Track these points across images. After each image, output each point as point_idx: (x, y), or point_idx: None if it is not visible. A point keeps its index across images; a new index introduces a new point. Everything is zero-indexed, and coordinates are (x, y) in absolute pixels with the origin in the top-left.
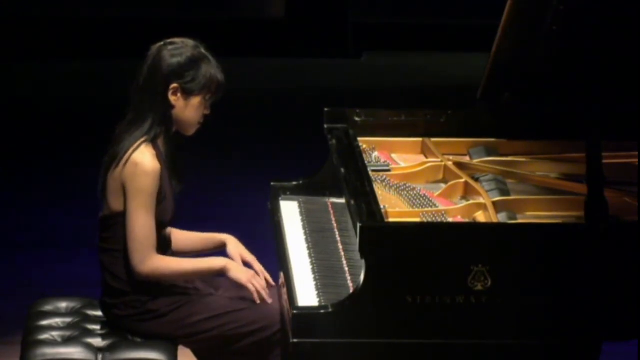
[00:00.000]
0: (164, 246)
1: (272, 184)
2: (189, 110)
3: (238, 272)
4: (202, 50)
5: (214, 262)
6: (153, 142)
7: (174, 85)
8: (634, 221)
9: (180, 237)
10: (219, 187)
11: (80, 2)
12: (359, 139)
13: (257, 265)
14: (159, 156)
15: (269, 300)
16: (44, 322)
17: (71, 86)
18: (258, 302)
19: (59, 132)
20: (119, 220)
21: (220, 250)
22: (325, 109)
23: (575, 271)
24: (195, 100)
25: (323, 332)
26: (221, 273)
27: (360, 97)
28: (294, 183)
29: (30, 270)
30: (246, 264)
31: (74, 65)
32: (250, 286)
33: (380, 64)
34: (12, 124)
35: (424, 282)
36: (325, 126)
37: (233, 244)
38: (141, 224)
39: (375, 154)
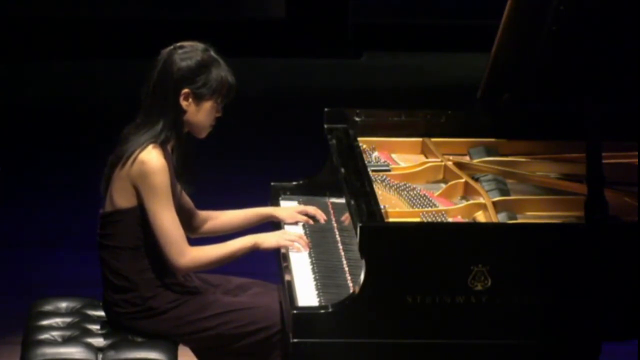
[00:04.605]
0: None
1: (272, 184)
2: (201, 114)
3: (269, 242)
4: (212, 54)
5: (244, 242)
6: (162, 145)
7: (185, 90)
8: (634, 221)
9: (222, 217)
10: (219, 187)
11: (80, 2)
12: (359, 139)
13: (310, 210)
14: (166, 157)
15: (306, 250)
16: (44, 322)
17: (71, 86)
18: (302, 251)
19: (59, 132)
20: (121, 217)
21: (265, 222)
22: (325, 109)
23: (575, 271)
24: (207, 104)
25: (323, 332)
26: (254, 250)
27: (360, 97)
28: (294, 183)
29: (30, 270)
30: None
31: (74, 65)
32: (285, 245)
33: (380, 64)
34: (12, 123)
35: (424, 282)
36: (325, 126)
37: (283, 213)
38: (169, 221)
39: (375, 154)
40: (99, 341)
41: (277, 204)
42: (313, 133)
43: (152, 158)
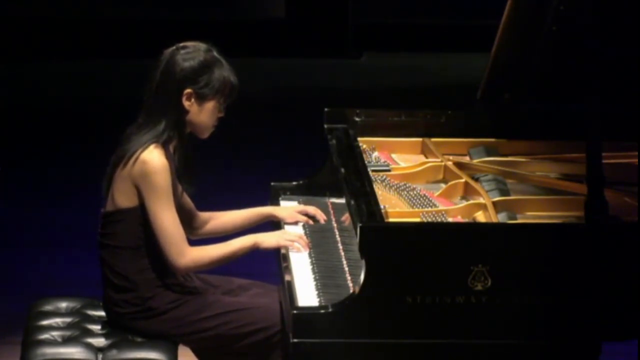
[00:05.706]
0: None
1: (272, 184)
2: (203, 114)
3: (269, 242)
4: (215, 54)
5: (244, 242)
6: (164, 145)
7: (188, 90)
8: (634, 221)
9: (222, 218)
10: (219, 187)
11: (80, 2)
12: (359, 139)
13: (310, 210)
14: (168, 157)
15: (306, 250)
16: (44, 322)
17: (71, 86)
18: (302, 251)
19: (59, 132)
20: (122, 217)
21: (265, 222)
22: (325, 109)
23: (575, 271)
24: (210, 105)
25: (323, 332)
26: (254, 249)
27: (360, 97)
28: (294, 183)
29: (30, 270)
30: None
31: (74, 65)
32: (285, 245)
33: (380, 64)
34: (12, 123)
35: (424, 282)
36: (325, 126)
37: (283, 213)
38: (170, 220)
39: (375, 154)
40: (99, 341)
41: (277, 204)
42: (313, 133)
43: (153, 158)
